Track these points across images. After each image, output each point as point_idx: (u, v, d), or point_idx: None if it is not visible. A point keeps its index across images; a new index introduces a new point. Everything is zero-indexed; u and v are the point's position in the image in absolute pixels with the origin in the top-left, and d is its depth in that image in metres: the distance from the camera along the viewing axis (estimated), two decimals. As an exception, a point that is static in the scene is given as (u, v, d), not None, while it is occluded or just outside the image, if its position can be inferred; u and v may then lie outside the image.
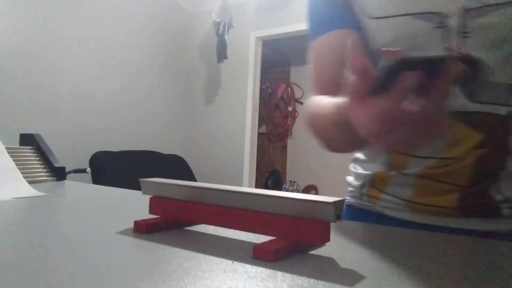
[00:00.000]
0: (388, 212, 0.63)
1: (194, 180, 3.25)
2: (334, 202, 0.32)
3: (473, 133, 0.56)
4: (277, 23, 3.53)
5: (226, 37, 3.61)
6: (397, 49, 0.36)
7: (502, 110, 0.55)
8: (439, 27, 0.55)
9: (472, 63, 0.41)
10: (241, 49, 3.75)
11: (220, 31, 3.59)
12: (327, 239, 0.34)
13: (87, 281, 0.26)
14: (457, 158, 0.56)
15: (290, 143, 4.95)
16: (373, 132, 0.38)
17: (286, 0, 3.46)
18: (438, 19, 0.55)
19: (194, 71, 4.01)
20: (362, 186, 0.69)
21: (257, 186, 4.02)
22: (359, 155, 0.72)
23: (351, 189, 0.72)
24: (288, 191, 4.29)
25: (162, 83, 3.65)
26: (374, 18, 0.59)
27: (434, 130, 0.37)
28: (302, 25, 3.55)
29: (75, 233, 0.40)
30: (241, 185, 3.63)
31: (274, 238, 0.35)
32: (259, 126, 4.02)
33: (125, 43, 3.21)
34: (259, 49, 3.76)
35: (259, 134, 4.04)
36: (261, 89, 4.00)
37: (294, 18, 3.41)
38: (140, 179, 0.46)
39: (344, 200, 0.35)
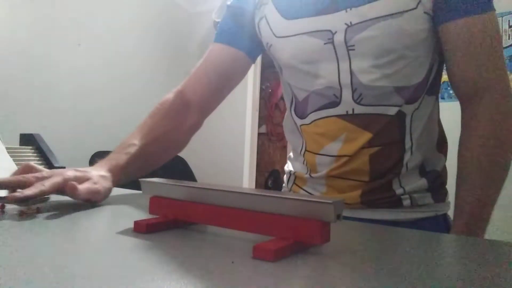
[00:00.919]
0: None
1: (194, 180, 3.25)
2: (334, 202, 0.32)
3: (363, 132, 0.62)
4: (277, 23, 3.52)
5: (226, 37, 3.61)
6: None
7: (391, 111, 0.62)
8: (328, 43, 0.62)
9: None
10: (241, 49, 3.74)
11: (220, 31, 3.58)
12: (327, 239, 0.34)
13: (87, 281, 0.26)
14: (351, 156, 0.63)
15: (290, 143, 4.95)
16: None
17: (286, 0, 3.45)
18: (327, 35, 0.62)
19: (194, 71, 4.00)
20: (288, 182, 0.77)
21: (257, 186, 4.02)
22: (291, 154, 0.81)
23: (284, 184, 0.81)
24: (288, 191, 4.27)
25: (162, 83, 3.65)
26: (279, 37, 0.68)
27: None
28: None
29: (75, 233, 0.40)
30: (241, 185, 3.63)
31: (274, 238, 0.35)
32: (259, 126, 4.01)
33: (125, 43, 3.21)
34: (259, 49, 3.76)
35: (259, 134, 4.04)
36: (261, 89, 3.99)
37: (294, 18, 3.40)
38: (140, 179, 0.46)
39: (343, 200, 0.35)
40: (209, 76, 0.78)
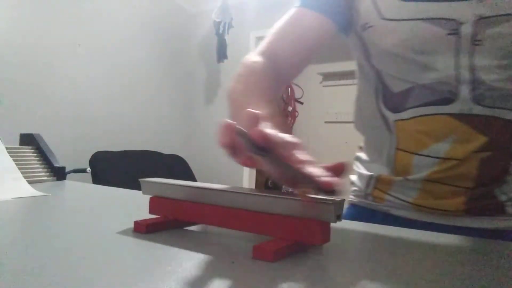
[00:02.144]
0: (394, 212, 0.64)
1: (194, 180, 3.25)
2: (334, 202, 0.32)
3: (477, 135, 0.56)
4: (277, 23, 3.53)
5: (226, 37, 3.61)
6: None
7: (508, 115, 0.56)
8: (452, 34, 0.55)
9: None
10: (241, 49, 3.75)
11: (220, 31, 3.59)
12: (327, 239, 0.34)
13: (87, 281, 0.26)
14: (461, 159, 0.57)
15: (290, 143, 4.94)
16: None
17: (286, 0, 3.46)
18: (452, 25, 0.55)
19: (194, 71, 4.01)
20: (366, 186, 0.69)
21: (257, 186, 4.03)
22: (361, 155, 0.73)
23: (355, 188, 0.72)
24: (288, 191, 4.28)
25: (162, 83, 3.65)
26: (387, 19, 0.59)
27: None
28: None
29: (75, 233, 0.40)
30: (241, 185, 3.63)
31: (274, 238, 0.35)
32: (259, 126, 4.01)
33: (125, 43, 3.21)
34: (259, 49, 3.76)
35: (259, 134, 4.03)
36: (261, 89, 3.99)
37: (294, 18, 3.40)
38: (140, 179, 0.46)
39: (344, 200, 0.34)
40: (306, 46, 0.66)
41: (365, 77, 0.68)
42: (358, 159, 0.74)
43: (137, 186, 0.55)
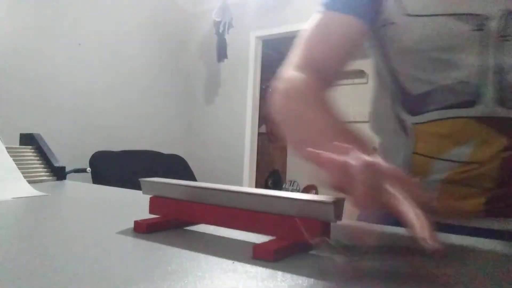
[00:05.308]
0: None
1: (194, 180, 3.25)
2: (334, 202, 0.32)
3: (499, 137, 0.54)
4: (277, 23, 3.53)
5: (226, 37, 3.62)
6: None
7: None
8: (477, 30, 0.53)
9: None
10: (241, 49, 3.75)
11: (220, 31, 3.59)
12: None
13: (87, 281, 0.26)
14: (482, 162, 0.55)
15: (290, 143, 4.95)
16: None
17: (286, 0, 3.46)
18: (477, 21, 0.53)
19: (194, 71, 4.01)
20: None
21: (257, 186, 4.03)
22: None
23: None
24: (288, 191, 4.29)
25: (162, 83, 3.65)
26: (409, 15, 0.57)
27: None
28: (302, 25, 3.55)
29: (75, 233, 0.40)
30: (241, 185, 3.63)
31: (274, 238, 0.35)
32: (259, 126, 4.02)
33: (125, 42, 3.21)
34: (259, 49, 3.76)
35: (259, 134, 4.04)
36: (261, 89, 4.00)
37: (294, 18, 3.40)
38: (140, 179, 0.46)
39: (344, 199, 0.34)
40: (343, 51, 0.64)
41: (381, 79, 0.66)
42: None
43: (137, 186, 0.55)
